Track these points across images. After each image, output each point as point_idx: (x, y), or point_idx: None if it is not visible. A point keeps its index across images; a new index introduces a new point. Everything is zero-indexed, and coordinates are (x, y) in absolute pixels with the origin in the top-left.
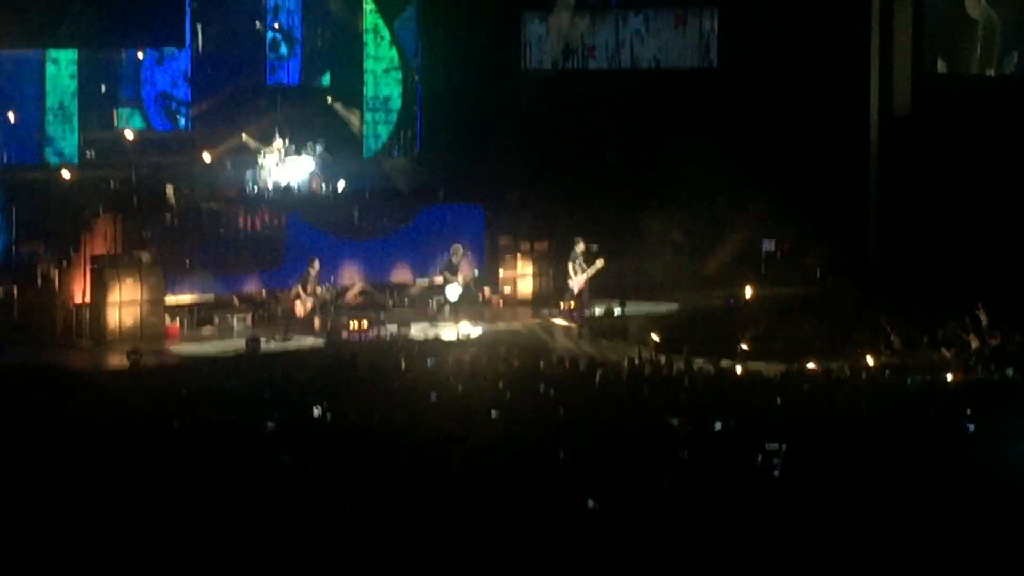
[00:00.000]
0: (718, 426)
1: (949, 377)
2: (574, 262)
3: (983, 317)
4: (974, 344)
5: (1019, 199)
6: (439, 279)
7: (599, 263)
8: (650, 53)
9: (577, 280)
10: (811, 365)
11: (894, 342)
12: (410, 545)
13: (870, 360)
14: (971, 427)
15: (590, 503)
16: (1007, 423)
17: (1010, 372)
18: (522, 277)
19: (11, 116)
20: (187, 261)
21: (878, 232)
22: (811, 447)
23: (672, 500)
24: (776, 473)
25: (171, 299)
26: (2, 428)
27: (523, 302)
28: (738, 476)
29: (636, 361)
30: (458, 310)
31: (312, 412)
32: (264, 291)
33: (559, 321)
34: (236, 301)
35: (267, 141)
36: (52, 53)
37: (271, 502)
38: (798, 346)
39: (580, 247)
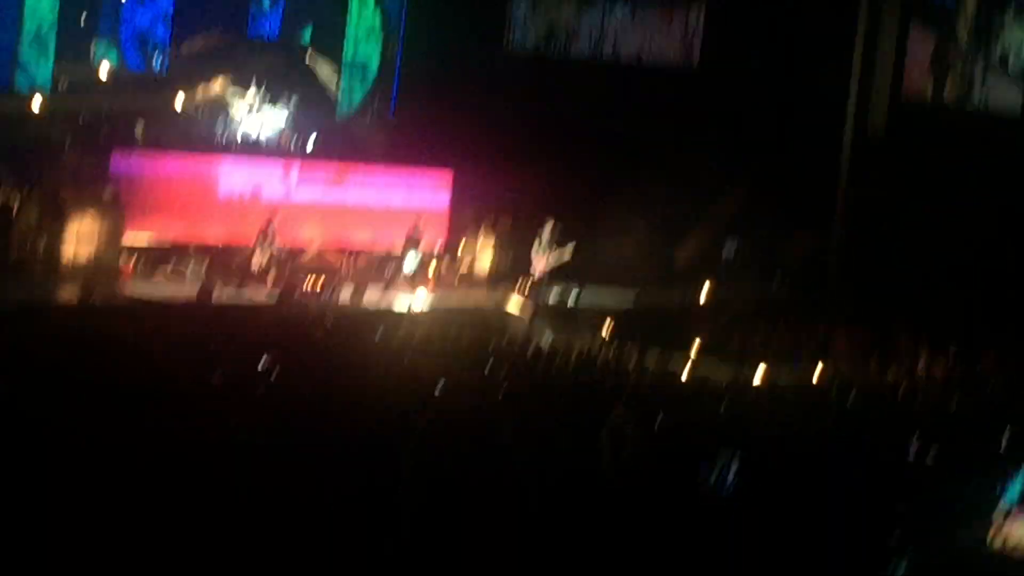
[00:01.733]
0: (658, 423)
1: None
2: (540, 243)
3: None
4: (923, 363)
5: (983, 226)
6: (399, 247)
7: (567, 250)
8: (633, 46)
9: (541, 261)
10: (760, 371)
11: (845, 355)
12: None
13: (819, 371)
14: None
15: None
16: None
17: (956, 398)
18: (483, 251)
19: None
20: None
21: (841, 243)
22: (751, 457)
23: (608, 496)
24: (715, 480)
25: (129, 239)
26: None
27: (481, 277)
28: (676, 480)
29: (585, 350)
30: (415, 280)
31: (257, 368)
32: (222, 241)
33: (514, 300)
34: (192, 249)
35: (242, 92)
36: None
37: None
38: (750, 350)
39: (548, 228)
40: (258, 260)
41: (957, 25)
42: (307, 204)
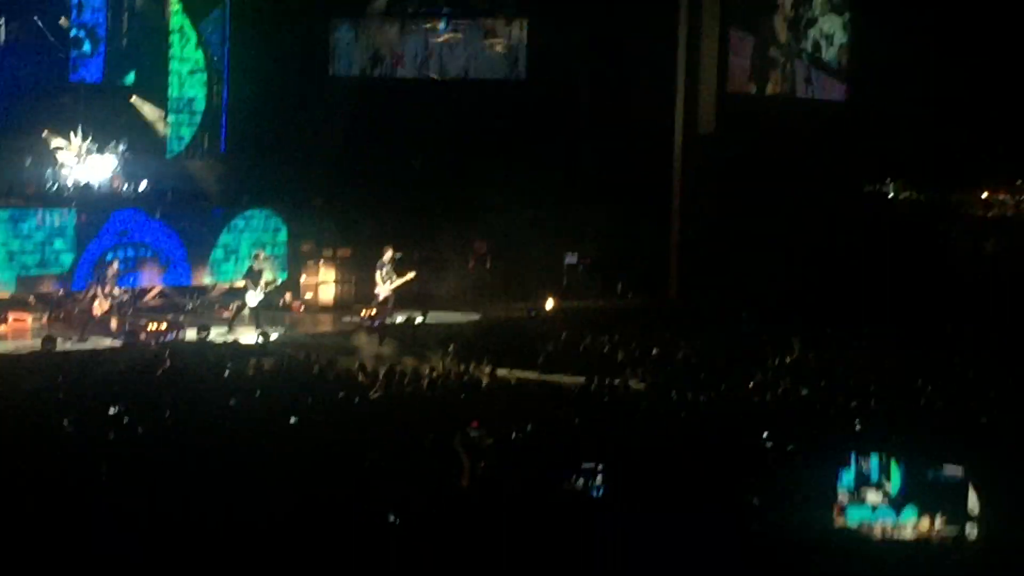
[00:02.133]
0: (514, 436)
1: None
2: (381, 270)
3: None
4: (770, 361)
5: (816, 217)
6: (240, 283)
7: (410, 275)
8: (459, 63)
9: (384, 288)
10: (608, 379)
11: (691, 358)
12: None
13: (667, 375)
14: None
15: (390, 517)
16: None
17: (804, 391)
18: (324, 283)
19: None
20: None
21: (679, 248)
22: (608, 462)
23: (470, 510)
24: (579, 486)
25: None
26: None
27: (325, 308)
28: (537, 487)
29: (436, 369)
30: (258, 315)
31: (108, 412)
32: (61, 290)
33: (360, 328)
34: (32, 299)
35: (68, 139)
36: None
37: (65, 500)
38: (597, 360)
39: (388, 255)
40: (100, 306)
41: (775, 20)
42: (143, 246)
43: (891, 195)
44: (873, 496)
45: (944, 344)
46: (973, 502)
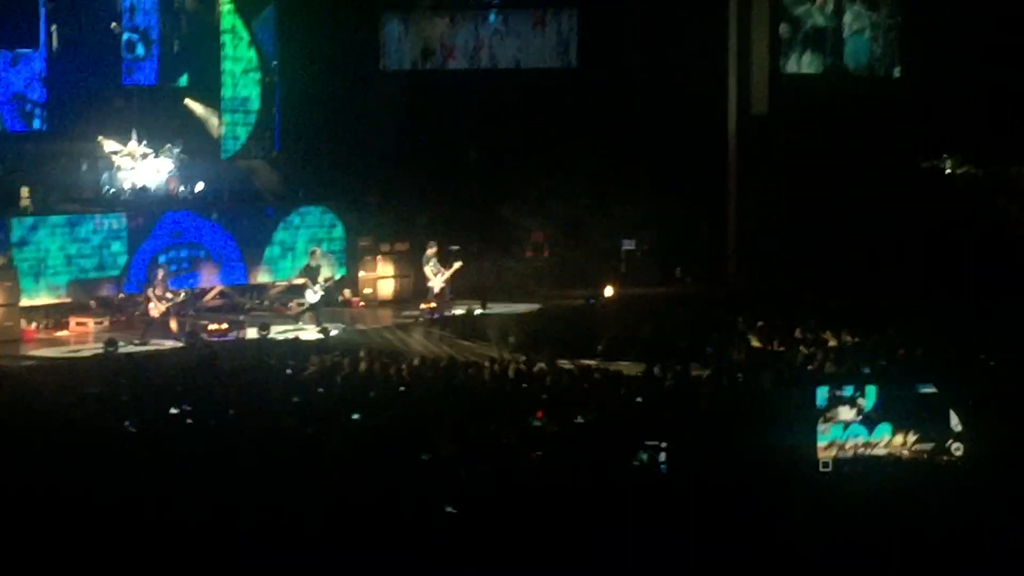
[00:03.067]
0: (580, 420)
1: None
2: (428, 264)
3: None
4: (831, 342)
5: (872, 195)
6: (299, 280)
7: (457, 265)
8: (510, 54)
9: (435, 281)
10: (670, 364)
11: (751, 340)
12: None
13: (729, 357)
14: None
15: (448, 508)
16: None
17: (866, 370)
18: (382, 278)
19: None
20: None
21: (736, 232)
22: (675, 444)
23: (534, 498)
24: (656, 470)
25: (26, 302)
26: None
27: (384, 303)
28: (605, 473)
29: (496, 361)
30: (318, 311)
31: (169, 413)
32: (121, 294)
33: (420, 321)
34: (93, 304)
35: (123, 143)
36: None
37: (131, 502)
38: (658, 345)
39: (432, 250)
40: (156, 308)
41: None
42: (199, 247)
43: (948, 171)
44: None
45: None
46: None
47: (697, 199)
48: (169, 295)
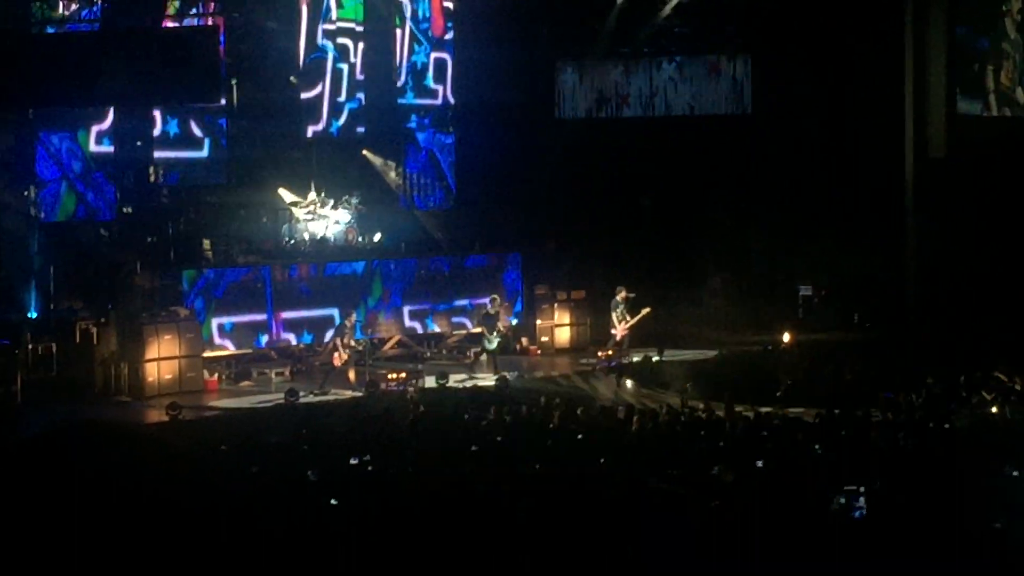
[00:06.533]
0: (759, 464)
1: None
2: (616, 310)
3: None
4: (1017, 386)
5: None
6: (476, 329)
7: (645, 311)
8: (684, 100)
9: (620, 328)
10: (850, 409)
11: (932, 385)
12: None
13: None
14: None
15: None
16: None
17: None
18: (559, 326)
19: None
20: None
21: (915, 275)
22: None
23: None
24: (853, 514)
25: (209, 353)
26: (44, 485)
27: (561, 351)
28: (793, 521)
29: (674, 408)
30: (496, 359)
31: (350, 462)
32: (301, 344)
33: (597, 369)
34: (273, 354)
35: (302, 194)
36: None
37: (316, 552)
38: (837, 391)
39: (621, 295)
40: (339, 357)
41: (1005, 30)
42: (380, 285)
43: None
44: None
45: None
46: None
47: (875, 243)
48: (353, 343)
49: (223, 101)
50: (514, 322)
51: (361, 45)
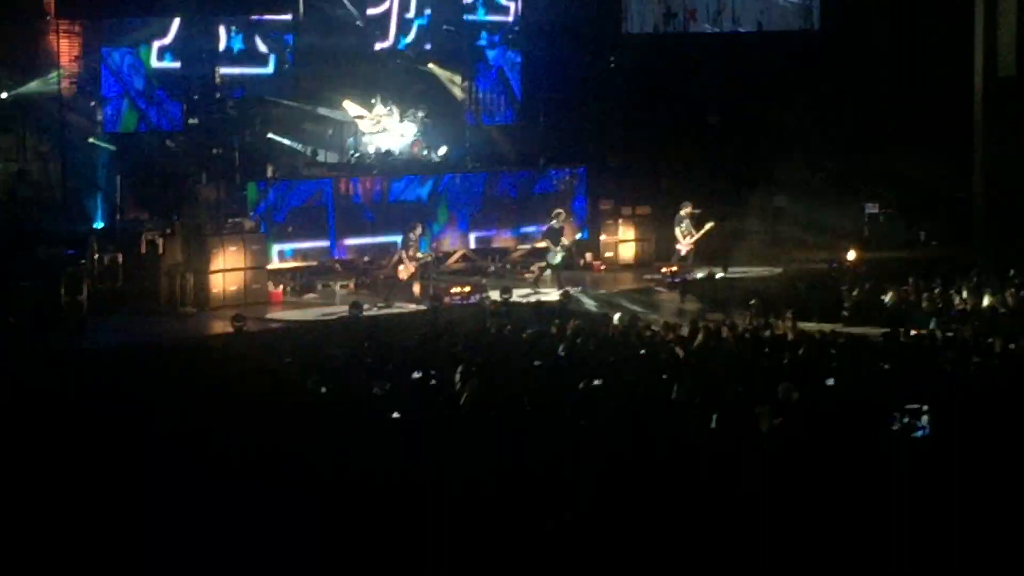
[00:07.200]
0: (830, 382)
1: None
2: (680, 225)
3: None
4: None
5: None
6: (541, 243)
7: (709, 225)
8: (751, 16)
9: (685, 243)
10: (913, 330)
11: (998, 303)
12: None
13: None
14: None
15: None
16: None
17: None
18: (624, 242)
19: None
20: (290, 228)
21: (983, 195)
22: (922, 410)
23: (778, 463)
24: (916, 434)
25: (274, 265)
26: (107, 400)
27: (625, 267)
28: (857, 440)
29: (738, 325)
30: (560, 274)
31: (414, 377)
32: (366, 256)
33: (661, 285)
34: (338, 267)
35: (368, 107)
36: None
37: (383, 467)
38: (902, 309)
39: (686, 210)
40: (406, 270)
41: None
42: (446, 210)
43: None
44: None
45: None
46: None
47: (942, 162)
48: (419, 256)
49: (289, 16)
50: (579, 237)
51: None
